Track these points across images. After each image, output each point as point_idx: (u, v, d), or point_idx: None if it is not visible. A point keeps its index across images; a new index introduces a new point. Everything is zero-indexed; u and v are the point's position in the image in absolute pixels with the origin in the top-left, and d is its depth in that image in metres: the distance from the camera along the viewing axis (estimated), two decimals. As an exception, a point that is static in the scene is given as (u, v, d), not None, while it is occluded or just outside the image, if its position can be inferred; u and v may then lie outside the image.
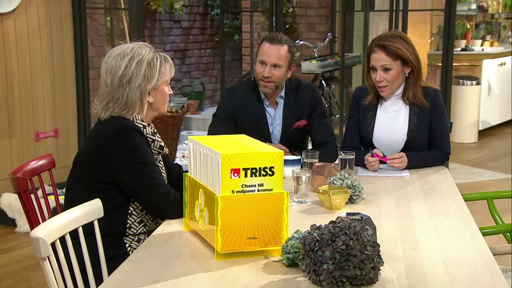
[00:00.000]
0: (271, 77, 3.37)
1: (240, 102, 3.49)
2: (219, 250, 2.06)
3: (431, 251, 2.13)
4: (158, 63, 2.54)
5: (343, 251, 1.83)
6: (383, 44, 3.20)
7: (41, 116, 5.58)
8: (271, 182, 2.08)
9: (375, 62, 3.22)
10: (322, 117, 3.55)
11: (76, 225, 2.15)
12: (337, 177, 2.72)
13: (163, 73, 2.57)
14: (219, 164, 2.04)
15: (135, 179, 2.44)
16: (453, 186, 2.95)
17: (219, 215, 2.04)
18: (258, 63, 3.42)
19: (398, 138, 3.30)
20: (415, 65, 3.22)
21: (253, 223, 2.07)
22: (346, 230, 1.86)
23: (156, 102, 2.59)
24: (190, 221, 2.33)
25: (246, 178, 2.06)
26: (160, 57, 2.56)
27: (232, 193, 2.05)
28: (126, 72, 2.50)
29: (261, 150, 2.09)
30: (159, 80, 2.55)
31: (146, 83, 2.52)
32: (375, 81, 3.24)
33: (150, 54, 2.54)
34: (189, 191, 2.34)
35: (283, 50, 3.37)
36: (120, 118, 2.53)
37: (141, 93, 2.52)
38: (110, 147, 2.45)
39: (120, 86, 2.51)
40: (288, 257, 2.01)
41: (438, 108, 3.30)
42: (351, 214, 2.20)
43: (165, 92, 2.60)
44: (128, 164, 2.44)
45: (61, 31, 5.67)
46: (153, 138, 2.58)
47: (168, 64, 2.61)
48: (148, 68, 2.51)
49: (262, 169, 2.07)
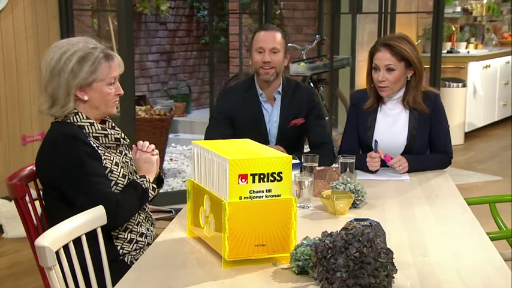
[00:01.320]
0: (271, 62, 3.37)
1: (236, 102, 3.48)
2: (227, 258, 2.01)
3: (442, 257, 2.09)
4: (91, 60, 2.41)
5: (356, 259, 1.79)
6: (389, 43, 3.17)
7: (27, 119, 5.48)
8: (279, 188, 2.03)
9: (379, 61, 3.18)
10: (319, 118, 3.53)
11: (79, 232, 2.09)
12: (339, 182, 2.68)
13: (100, 71, 2.44)
14: (227, 169, 1.99)
15: (75, 189, 2.37)
16: (455, 190, 2.92)
17: (226, 221, 1.99)
18: (255, 52, 3.42)
19: (398, 142, 3.27)
20: (418, 69, 3.19)
21: (261, 230, 2.02)
22: (359, 237, 1.82)
23: (92, 100, 2.48)
24: (194, 228, 2.28)
25: (254, 184, 2.01)
26: (98, 54, 2.43)
27: (240, 199, 2.00)
28: (56, 64, 2.42)
29: (269, 155, 2.04)
30: (90, 77, 2.43)
31: (72, 78, 2.41)
32: (377, 80, 3.20)
33: (86, 49, 2.43)
34: (193, 196, 2.29)
35: (279, 36, 3.42)
36: (63, 124, 2.46)
37: (68, 88, 2.42)
38: (51, 159, 2.41)
39: (51, 78, 2.44)
40: (298, 264, 1.96)
41: (439, 112, 3.28)
42: (360, 220, 2.16)
43: (104, 91, 2.48)
44: (69, 175, 2.38)
45: (48, 32, 5.58)
46: (105, 132, 2.51)
47: (111, 63, 2.47)
48: (77, 64, 2.41)
49: (271, 174, 2.01)
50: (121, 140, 2.57)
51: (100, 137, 2.49)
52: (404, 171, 3.15)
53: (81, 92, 2.47)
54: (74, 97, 2.45)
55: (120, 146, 2.60)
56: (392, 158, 3.15)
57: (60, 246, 1.92)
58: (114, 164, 2.50)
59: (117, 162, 2.52)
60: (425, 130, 3.27)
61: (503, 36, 10.61)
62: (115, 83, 2.52)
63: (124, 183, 2.50)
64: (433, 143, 3.31)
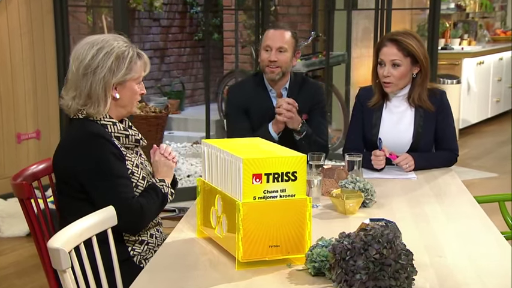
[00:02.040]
0: (277, 61, 3.34)
1: (248, 95, 3.46)
2: (240, 259, 1.96)
3: (459, 258, 2.06)
4: (128, 58, 2.41)
5: (376, 261, 1.75)
6: (396, 38, 3.14)
7: (22, 116, 5.42)
8: (293, 188, 1.99)
9: (385, 56, 3.15)
10: (321, 116, 3.49)
11: (90, 234, 2.04)
12: (348, 181, 2.65)
13: (133, 69, 2.44)
14: (240, 169, 1.94)
15: (99, 190, 2.35)
16: (463, 188, 2.90)
17: (240, 222, 1.95)
18: (263, 50, 3.40)
19: (404, 140, 3.24)
20: (424, 66, 3.16)
21: (275, 230, 1.98)
22: (378, 238, 1.78)
23: (122, 99, 2.46)
24: (205, 228, 2.24)
25: (268, 183, 1.96)
26: (133, 53, 2.44)
27: (254, 199, 1.96)
28: (92, 61, 2.38)
29: (283, 155, 2.00)
30: (126, 75, 2.42)
31: (111, 76, 2.39)
32: (382, 75, 3.17)
33: (121, 47, 2.42)
34: (203, 196, 2.25)
35: (287, 35, 3.38)
36: (86, 121, 2.42)
37: (105, 86, 2.40)
38: (76, 157, 2.37)
39: (84, 75, 2.39)
40: (314, 265, 1.93)
41: (445, 110, 3.25)
42: (375, 220, 2.13)
43: (134, 90, 2.47)
44: (94, 175, 2.35)
45: (42, 29, 5.51)
46: (126, 133, 2.47)
47: (141, 61, 2.47)
48: (116, 61, 2.39)
49: (285, 174, 1.97)
50: (140, 142, 2.53)
51: (121, 137, 2.45)
52: (411, 169, 3.12)
53: (115, 90, 2.44)
54: (110, 95, 2.43)
55: (138, 147, 2.56)
56: (397, 156, 3.12)
57: (72, 248, 1.87)
58: (134, 166, 2.46)
59: (137, 164, 2.48)
60: (431, 127, 3.24)
61: (496, 33, 10.61)
62: (141, 82, 2.51)
63: (143, 185, 2.46)
64: (439, 140, 3.29)
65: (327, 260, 1.92)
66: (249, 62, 7.52)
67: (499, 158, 7.35)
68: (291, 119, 3.24)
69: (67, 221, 2.14)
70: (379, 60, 3.19)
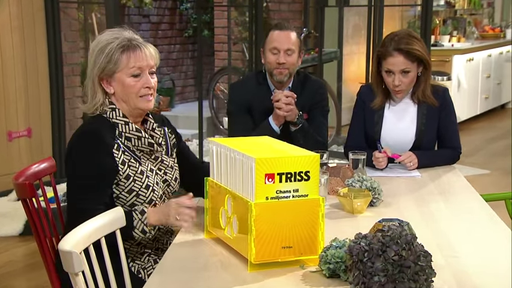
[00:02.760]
0: (285, 63, 3.29)
1: (251, 92, 3.41)
2: (253, 260, 1.92)
3: (473, 258, 2.03)
4: (110, 49, 2.30)
5: (395, 262, 1.71)
6: (401, 48, 3.04)
7: (13, 114, 5.33)
8: (306, 187, 1.95)
9: (393, 67, 3.07)
10: (323, 115, 3.45)
11: (98, 236, 1.98)
12: (355, 180, 2.61)
13: (117, 61, 2.31)
14: (253, 168, 1.90)
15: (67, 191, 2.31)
16: (468, 186, 2.88)
17: (252, 223, 1.90)
18: (269, 52, 3.33)
19: (406, 138, 3.20)
20: (429, 63, 3.12)
21: (287, 231, 1.94)
22: (397, 239, 1.74)
23: (117, 93, 2.36)
24: (214, 229, 2.19)
25: (281, 183, 1.92)
26: (117, 44, 2.31)
27: (267, 199, 1.91)
28: (88, 59, 2.39)
29: (296, 154, 1.95)
30: (107, 67, 2.31)
31: (93, 68, 2.34)
32: (392, 85, 3.11)
33: (107, 39, 2.34)
34: (212, 196, 2.20)
35: (293, 36, 3.33)
36: (95, 117, 2.37)
37: (93, 80, 2.35)
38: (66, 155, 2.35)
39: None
40: (329, 267, 1.88)
41: (448, 107, 3.22)
42: (388, 220, 2.09)
43: (125, 83, 2.33)
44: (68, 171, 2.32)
45: (33, 25, 5.43)
46: (138, 134, 2.36)
47: (132, 53, 2.32)
48: (99, 54, 2.33)
49: (298, 174, 1.92)
50: (154, 146, 2.41)
51: (133, 138, 2.36)
52: (414, 167, 3.08)
53: (107, 84, 2.37)
54: (100, 88, 2.36)
55: (155, 152, 2.44)
56: (400, 156, 3.08)
57: (81, 250, 1.82)
58: (138, 173, 2.34)
59: (143, 170, 2.35)
60: (433, 125, 3.21)
61: (484, 30, 10.63)
62: (142, 74, 2.36)
63: (146, 195, 2.35)
64: (442, 137, 3.25)
65: (342, 262, 1.88)
66: (241, 59, 7.47)
67: (490, 155, 7.36)
68: (290, 111, 3.20)
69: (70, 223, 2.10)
70: (388, 69, 3.10)
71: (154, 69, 2.40)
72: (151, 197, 2.37)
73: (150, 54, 2.37)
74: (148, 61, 2.36)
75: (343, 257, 1.88)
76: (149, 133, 2.44)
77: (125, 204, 2.32)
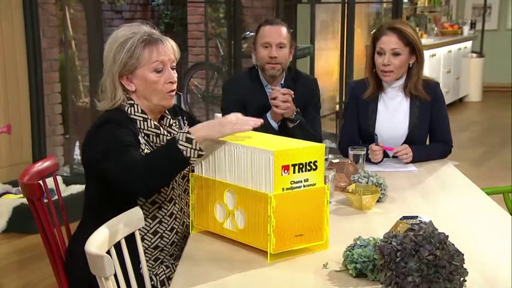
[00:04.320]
0: (277, 57, 3.19)
1: (244, 91, 3.30)
2: (272, 251, 1.88)
3: (496, 255, 1.96)
4: (130, 44, 2.14)
5: (430, 262, 1.63)
6: (395, 27, 3.04)
7: (-9, 111, 5.12)
8: (315, 177, 1.96)
9: (385, 45, 3.03)
10: (316, 111, 3.37)
11: (118, 237, 1.86)
12: (361, 175, 2.52)
13: (138, 55, 2.15)
14: (271, 161, 1.86)
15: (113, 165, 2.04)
16: (467, 180, 2.83)
17: (272, 214, 1.87)
18: (261, 47, 3.23)
19: (399, 131, 3.14)
20: (421, 55, 3.08)
21: (299, 220, 1.94)
22: (430, 238, 1.66)
23: (139, 90, 2.20)
24: (204, 223, 2.11)
25: (294, 174, 1.91)
26: (139, 38, 2.16)
27: (283, 190, 1.90)
28: (104, 55, 2.22)
29: (305, 145, 1.96)
30: (129, 62, 2.15)
31: (113, 65, 2.17)
32: (381, 65, 3.05)
33: (125, 35, 2.18)
34: (199, 191, 2.11)
35: (284, 30, 3.25)
36: (110, 111, 2.21)
37: (112, 77, 2.19)
38: (89, 145, 2.18)
39: (103, 71, 2.23)
40: (356, 266, 1.80)
41: (439, 101, 3.18)
42: (409, 218, 2.01)
43: (148, 79, 2.17)
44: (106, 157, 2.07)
45: (11, 21, 5.21)
46: (157, 131, 2.22)
47: (155, 47, 2.17)
48: (119, 49, 2.16)
49: (308, 164, 1.93)
50: None
51: (151, 135, 2.22)
52: (409, 161, 3.02)
53: (127, 81, 2.21)
54: (120, 86, 2.21)
55: None
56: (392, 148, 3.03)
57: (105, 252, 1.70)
58: None
59: None
60: (426, 118, 3.16)
61: (444, 26, 10.68)
62: (164, 69, 2.21)
63: (167, 193, 2.22)
64: (433, 131, 3.20)
65: (369, 261, 1.79)
66: (214, 54, 7.35)
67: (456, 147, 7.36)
68: (288, 109, 3.11)
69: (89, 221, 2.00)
70: (378, 50, 3.07)
71: (175, 63, 2.27)
72: (171, 195, 2.24)
73: (172, 48, 2.24)
74: (170, 55, 2.22)
75: (370, 256, 1.80)
76: (166, 129, 2.31)
77: (144, 203, 2.19)
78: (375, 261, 1.79)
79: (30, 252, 4.15)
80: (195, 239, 2.10)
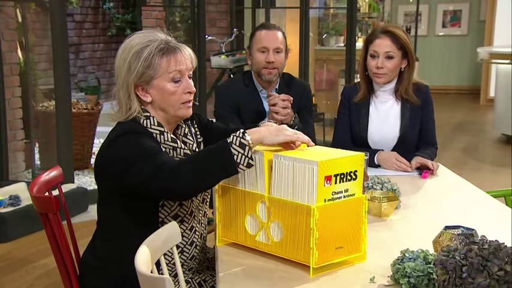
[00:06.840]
0: (274, 62, 3.03)
1: (238, 96, 3.11)
2: (314, 265, 1.73)
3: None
4: (147, 53, 1.92)
5: (501, 278, 1.49)
6: (389, 30, 2.94)
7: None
8: (354, 187, 1.82)
9: (378, 48, 2.91)
10: (309, 115, 3.22)
11: (158, 255, 1.64)
12: (375, 182, 2.38)
13: (156, 65, 1.93)
14: (315, 172, 1.71)
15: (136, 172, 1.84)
16: (465, 182, 2.74)
17: (314, 227, 1.71)
18: (257, 52, 3.06)
19: (391, 134, 3.03)
20: (413, 59, 2.98)
21: (338, 231, 1.79)
22: (497, 252, 1.52)
23: (156, 100, 1.97)
24: (232, 235, 1.94)
25: (336, 185, 1.77)
26: (156, 47, 1.94)
27: (324, 202, 1.75)
28: (118, 64, 1.99)
29: (345, 155, 1.81)
30: (146, 73, 1.93)
31: (128, 75, 1.94)
32: (374, 67, 2.93)
33: (141, 43, 1.94)
34: (227, 202, 1.93)
35: (280, 35, 3.09)
36: (126, 123, 1.98)
37: (127, 88, 1.95)
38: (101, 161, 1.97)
39: (116, 80, 2.00)
40: (409, 281, 1.65)
41: (429, 104, 3.09)
42: (451, 227, 1.87)
43: (165, 89, 1.96)
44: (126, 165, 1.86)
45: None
46: (174, 145, 1.99)
47: (172, 56, 1.95)
48: (134, 59, 1.93)
49: (348, 174, 1.79)
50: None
51: (168, 149, 1.99)
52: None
53: (143, 91, 1.98)
54: (136, 97, 1.97)
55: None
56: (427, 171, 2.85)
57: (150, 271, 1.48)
58: None
59: None
60: (416, 121, 3.05)
61: (382, 31, 10.72)
62: (182, 79, 1.99)
63: (188, 205, 2.02)
64: (422, 134, 3.10)
65: (424, 275, 1.64)
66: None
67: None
68: (287, 115, 2.94)
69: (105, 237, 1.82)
70: (372, 53, 2.95)
71: (191, 72, 2.04)
72: (191, 208, 2.02)
73: (190, 56, 2.01)
74: (188, 64, 2.00)
75: (424, 270, 1.65)
76: (182, 140, 2.09)
77: (168, 214, 1.97)
78: (430, 275, 1.64)
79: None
80: (223, 252, 1.91)
